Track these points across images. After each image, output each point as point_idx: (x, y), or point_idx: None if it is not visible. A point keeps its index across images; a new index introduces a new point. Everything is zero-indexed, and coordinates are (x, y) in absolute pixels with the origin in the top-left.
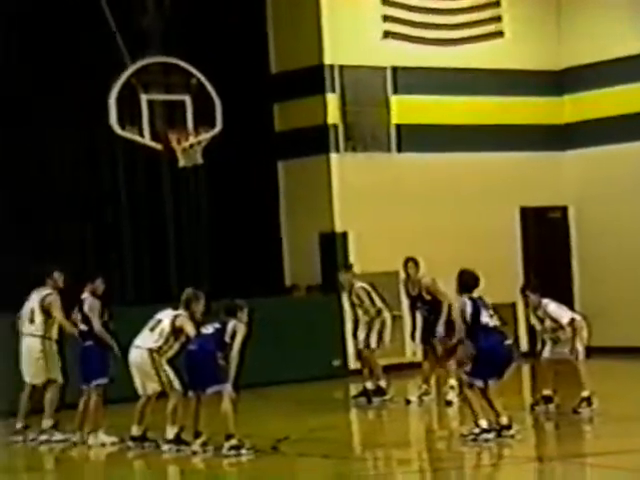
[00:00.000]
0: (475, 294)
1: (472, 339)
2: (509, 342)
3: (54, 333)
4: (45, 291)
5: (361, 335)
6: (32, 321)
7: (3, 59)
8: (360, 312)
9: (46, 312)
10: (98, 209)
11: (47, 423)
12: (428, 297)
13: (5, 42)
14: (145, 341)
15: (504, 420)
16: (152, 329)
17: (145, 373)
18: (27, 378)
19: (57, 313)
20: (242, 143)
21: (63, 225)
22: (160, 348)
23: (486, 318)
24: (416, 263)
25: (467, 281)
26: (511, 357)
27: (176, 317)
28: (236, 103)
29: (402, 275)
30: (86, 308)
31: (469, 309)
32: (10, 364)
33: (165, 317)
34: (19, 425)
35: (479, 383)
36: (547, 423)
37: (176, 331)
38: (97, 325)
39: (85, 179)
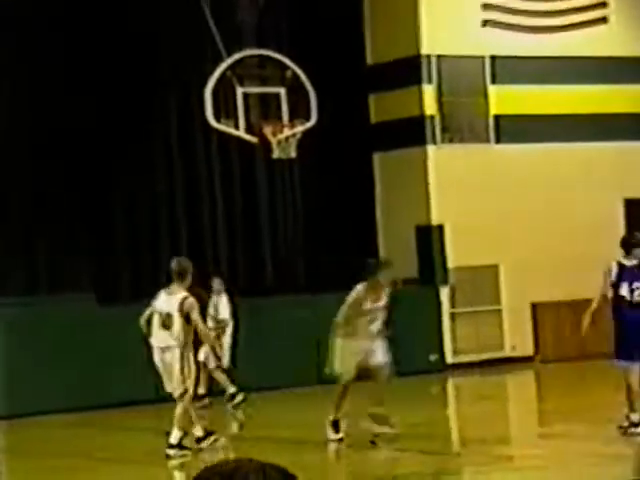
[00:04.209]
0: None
1: (613, 311)
2: None
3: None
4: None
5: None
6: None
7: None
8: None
9: (186, 317)
10: (193, 204)
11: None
12: None
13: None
14: (168, 340)
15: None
16: (167, 326)
17: (170, 373)
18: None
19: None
20: (337, 135)
21: (160, 219)
22: (186, 343)
23: (625, 291)
24: None
25: (623, 239)
26: None
27: (181, 304)
28: (331, 95)
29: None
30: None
31: (613, 275)
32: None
33: (171, 309)
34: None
35: (622, 364)
36: None
37: (187, 318)
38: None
39: (180, 172)
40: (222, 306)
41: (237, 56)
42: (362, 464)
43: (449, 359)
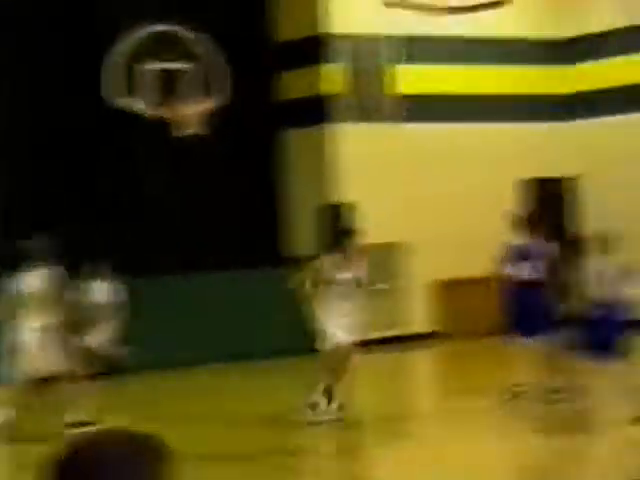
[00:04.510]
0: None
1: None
2: None
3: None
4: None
5: None
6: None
7: None
8: None
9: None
10: (97, 179)
11: None
12: None
13: None
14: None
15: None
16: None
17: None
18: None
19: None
20: (244, 113)
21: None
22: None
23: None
24: None
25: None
26: None
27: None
28: (238, 73)
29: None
30: None
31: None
32: None
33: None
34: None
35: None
36: None
37: None
38: None
39: (84, 148)
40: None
41: (142, 32)
42: (257, 440)
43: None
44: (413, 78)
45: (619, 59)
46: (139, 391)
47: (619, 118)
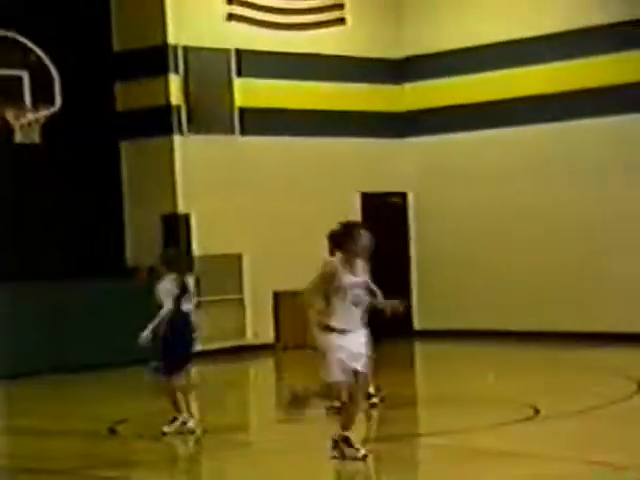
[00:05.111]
0: None
1: None
2: None
3: None
4: None
5: None
6: None
7: None
8: None
9: None
10: None
11: None
12: None
13: None
14: None
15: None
16: None
17: None
18: None
19: None
20: (83, 122)
21: None
22: None
23: None
24: None
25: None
26: None
27: None
28: (77, 81)
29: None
30: None
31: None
32: None
33: None
34: None
35: None
36: None
37: None
38: None
39: None
40: None
41: None
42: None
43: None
44: (252, 92)
45: (453, 79)
46: None
47: (455, 136)
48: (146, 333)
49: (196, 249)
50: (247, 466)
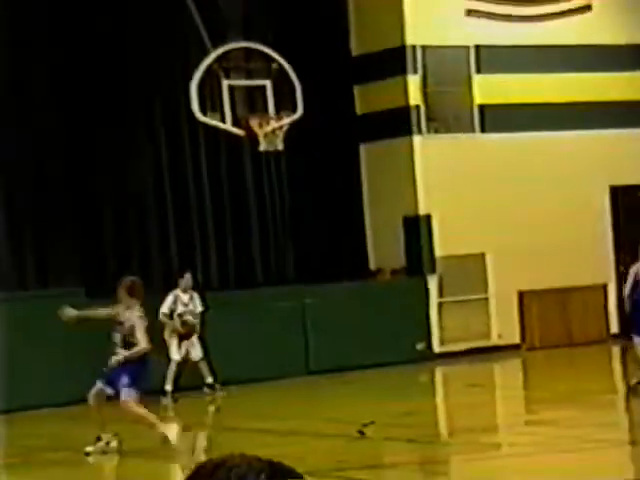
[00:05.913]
0: None
1: None
2: None
3: None
4: None
5: None
6: None
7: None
8: None
9: None
10: (181, 196)
11: None
12: None
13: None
14: None
15: None
16: None
17: None
18: None
19: None
20: (323, 127)
21: (149, 214)
22: None
23: None
24: None
25: None
26: None
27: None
28: (317, 87)
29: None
30: None
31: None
32: None
33: None
34: None
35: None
36: None
37: None
38: None
39: (167, 166)
40: (197, 301)
41: (223, 49)
42: (349, 454)
43: (436, 348)
44: (492, 88)
45: None
46: None
47: None
48: None
49: (438, 250)
50: (496, 468)
